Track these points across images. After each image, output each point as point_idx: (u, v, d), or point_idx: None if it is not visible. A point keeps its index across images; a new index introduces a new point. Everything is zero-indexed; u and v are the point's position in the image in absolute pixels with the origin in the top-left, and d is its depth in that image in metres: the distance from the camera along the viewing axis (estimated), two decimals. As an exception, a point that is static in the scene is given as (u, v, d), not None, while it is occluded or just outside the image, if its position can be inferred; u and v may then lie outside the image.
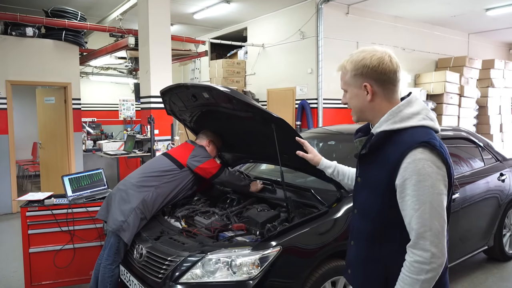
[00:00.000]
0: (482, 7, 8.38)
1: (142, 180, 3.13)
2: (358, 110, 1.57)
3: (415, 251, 1.35)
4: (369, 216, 1.54)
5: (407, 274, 1.37)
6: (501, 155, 4.33)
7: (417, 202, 1.34)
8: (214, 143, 3.44)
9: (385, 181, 1.43)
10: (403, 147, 1.39)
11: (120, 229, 2.95)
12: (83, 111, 8.35)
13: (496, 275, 3.94)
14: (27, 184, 8.83)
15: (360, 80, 1.51)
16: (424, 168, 1.34)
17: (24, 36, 6.58)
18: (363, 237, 1.58)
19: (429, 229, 1.34)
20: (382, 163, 1.45)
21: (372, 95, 1.50)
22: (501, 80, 10.31)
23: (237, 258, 2.37)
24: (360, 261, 1.60)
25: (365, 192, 1.56)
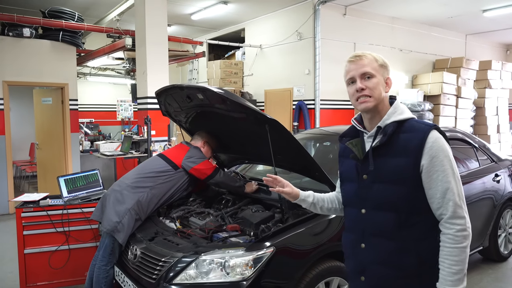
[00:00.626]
0: (479, 8, 8.40)
1: (137, 181, 3.13)
2: (378, 98, 1.60)
3: (455, 220, 1.47)
4: (392, 207, 1.56)
5: (453, 246, 1.46)
6: (496, 156, 4.34)
7: (448, 175, 1.49)
8: (209, 144, 3.45)
9: (409, 167, 1.52)
10: (420, 132, 1.53)
11: (114, 230, 2.95)
12: (81, 112, 8.35)
13: (491, 275, 3.96)
14: (24, 184, 8.83)
15: (386, 73, 1.64)
16: (444, 145, 1.52)
17: (21, 36, 6.58)
18: (385, 232, 1.59)
19: (461, 197, 1.49)
20: (400, 151, 1.54)
21: (389, 90, 1.66)
22: (498, 81, 10.33)
23: (230, 259, 2.38)
24: (386, 259, 1.58)
25: (381, 185, 1.58)
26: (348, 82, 1.64)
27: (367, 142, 1.66)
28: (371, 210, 1.62)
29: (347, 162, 1.74)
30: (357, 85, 1.59)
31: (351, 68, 1.62)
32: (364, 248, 1.64)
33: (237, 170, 3.98)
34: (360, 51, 1.66)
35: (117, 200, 3.05)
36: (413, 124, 1.57)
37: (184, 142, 3.45)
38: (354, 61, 1.61)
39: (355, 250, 1.69)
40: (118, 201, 3.04)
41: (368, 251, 1.63)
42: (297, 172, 3.22)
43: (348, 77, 1.63)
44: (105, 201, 3.13)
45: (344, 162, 1.77)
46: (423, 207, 1.54)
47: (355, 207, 1.69)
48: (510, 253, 4.33)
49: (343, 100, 8.07)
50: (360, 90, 1.58)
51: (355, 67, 1.60)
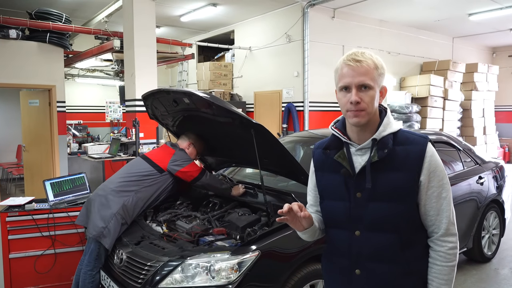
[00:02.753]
0: (465, 12, 8.53)
1: (121, 185, 3.11)
2: (372, 112, 1.42)
3: (447, 238, 1.41)
4: (393, 227, 1.42)
5: (443, 264, 1.40)
6: (480, 158, 4.41)
7: (443, 191, 1.42)
8: (194, 145, 3.42)
9: (409, 182, 1.40)
10: (418, 145, 1.42)
11: (100, 235, 2.93)
12: (69, 113, 8.29)
13: (474, 276, 4.02)
14: (10, 187, 8.72)
15: (382, 81, 1.45)
16: (439, 160, 1.44)
17: (7, 38, 6.50)
18: (387, 255, 1.44)
19: (453, 214, 1.44)
20: (400, 166, 1.41)
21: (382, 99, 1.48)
22: (485, 84, 10.50)
23: (216, 263, 2.39)
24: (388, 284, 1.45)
25: (380, 203, 1.42)
26: (341, 88, 1.41)
27: (355, 155, 1.47)
28: (367, 231, 1.45)
29: (331, 177, 1.53)
30: (352, 97, 1.37)
31: (348, 74, 1.39)
32: (360, 274, 1.47)
33: (225, 173, 3.99)
34: (360, 52, 1.41)
35: (102, 205, 3.03)
36: (407, 136, 1.45)
37: (169, 143, 3.43)
38: (353, 66, 1.38)
39: (348, 278, 1.50)
40: (103, 206, 3.02)
41: (366, 278, 1.47)
42: (284, 175, 3.24)
43: (342, 83, 1.41)
44: (90, 206, 3.10)
45: (325, 176, 1.56)
46: (421, 225, 1.46)
47: (345, 228, 1.49)
48: (493, 254, 4.40)
49: (332, 102, 8.13)
50: (355, 103, 1.38)
51: (353, 73, 1.38)
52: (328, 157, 1.53)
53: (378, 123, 1.46)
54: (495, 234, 4.45)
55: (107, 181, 3.25)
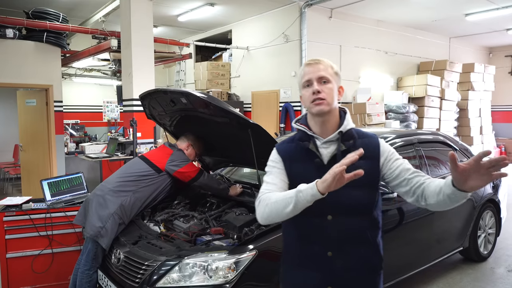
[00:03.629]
0: (462, 12, 8.57)
1: (119, 185, 3.11)
2: (332, 103, 1.62)
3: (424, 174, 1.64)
4: (364, 211, 1.63)
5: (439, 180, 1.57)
6: (476, 158, 4.43)
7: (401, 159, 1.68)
8: (193, 147, 3.44)
9: (373, 168, 1.62)
10: (373, 138, 1.69)
11: (98, 235, 2.93)
12: (66, 113, 8.27)
13: (471, 275, 4.04)
14: (8, 187, 8.70)
15: (339, 81, 1.68)
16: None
17: (4, 37, 6.48)
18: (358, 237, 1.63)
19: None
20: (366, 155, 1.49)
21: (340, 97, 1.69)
22: (481, 84, 10.55)
23: (213, 262, 2.40)
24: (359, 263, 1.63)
25: (351, 189, 1.51)
26: (304, 84, 1.63)
27: (321, 147, 1.63)
28: (340, 216, 1.59)
29: (302, 166, 1.65)
30: (314, 87, 1.59)
31: (309, 71, 1.62)
32: (332, 256, 1.60)
33: (222, 173, 4.00)
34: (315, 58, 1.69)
35: (99, 205, 3.03)
36: (362, 132, 1.71)
37: (167, 143, 3.43)
38: (312, 65, 1.63)
39: (321, 260, 1.62)
40: (100, 206, 3.02)
41: (339, 259, 1.60)
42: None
43: (304, 80, 1.63)
44: (88, 205, 3.10)
45: (296, 165, 1.67)
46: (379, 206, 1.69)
47: (317, 215, 1.59)
48: (489, 253, 4.43)
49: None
50: (316, 92, 1.58)
51: (313, 70, 1.61)
52: (297, 148, 1.68)
53: (339, 121, 1.67)
54: (491, 234, 4.47)
55: (105, 181, 3.25)
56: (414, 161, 3.69)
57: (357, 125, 7.75)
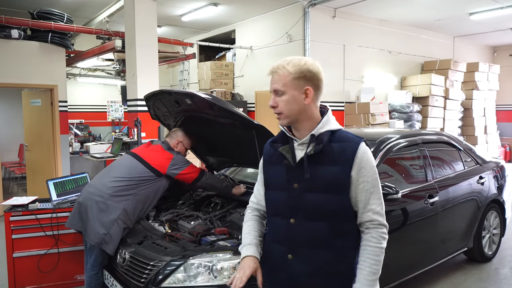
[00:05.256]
0: (465, 11, 8.54)
1: (119, 189, 3.03)
2: (291, 114, 1.58)
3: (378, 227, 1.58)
4: (326, 216, 1.57)
5: (375, 245, 1.56)
6: (481, 158, 4.43)
7: (373, 186, 1.57)
8: (183, 143, 3.36)
9: (342, 175, 1.56)
10: (352, 142, 1.58)
11: (102, 242, 2.90)
12: (70, 113, 8.31)
13: (475, 276, 4.04)
14: (13, 186, 8.76)
15: (302, 83, 1.57)
16: (371, 157, 1.60)
17: (9, 38, 6.53)
18: (319, 243, 1.59)
19: (382, 208, 1.59)
20: (334, 160, 1.56)
21: (311, 99, 1.59)
22: (486, 83, 10.50)
23: (218, 263, 2.42)
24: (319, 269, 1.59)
25: (315, 194, 1.57)
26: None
27: (297, 149, 1.62)
28: (302, 220, 1.60)
29: (275, 168, 1.69)
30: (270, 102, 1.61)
31: (270, 81, 1.61)
32: (293, 259, 1.61)
33: (226, 173, 4.01)
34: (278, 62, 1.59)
35: (101, 211, 2.96)
36: (344, 135, 1.60)
37: (165, 145, 3.29)
38: (271, 77, 1.60)
39: (281, 262, 1.65)
40: (102, 212, 2.96)
41: (299, 263, 1.61)
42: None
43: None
44: (85, 210, 3.01)
45: (271, 168, 1.72)
46: (353, 216, 1.60)
47: (283, 217, 1.64)
48: (494, 253, 4.42)
49: (332, 102, 8.15)
50: (271, 107, 1.60)
51: (270, 81, 1.60)
52: (276, 150, 1.69)
53: (318, 122, 1.61)
54: (496, 234, 4.47)
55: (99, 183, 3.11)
56: (418, 162, 3.69)
57: (361, 125, 7.74)
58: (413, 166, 3.70)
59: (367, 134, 4.00)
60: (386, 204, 3.01)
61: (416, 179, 3.59)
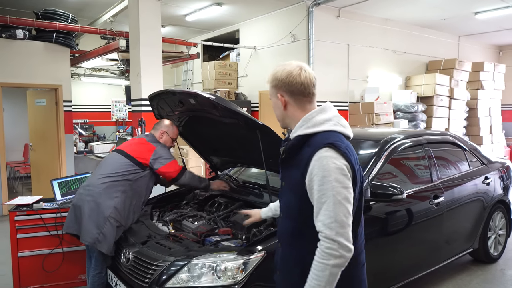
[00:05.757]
0: (471, 10, 8.48)
1: (107, 186, 3.03)
2: (279, 117, 1.75)
3: (323, 239, 1.49)
4: (290, 216, 1.67)
5: (318, 260, 1.49)
6: (486, 159, 4.40)
7: (323, 195, 1.49)
8: (167, 133, 3.34)
9: (299, 181, 1.58)
10: (311, 148, 1.56)
11: (96, 241, 2.91)
12: (75, 112, 8.34)
13: (480, 277, 4.01)
14: (18, 185, 8.80)
15: (275, 91, 1.70)
16: (328, 164, 1.50)
17: (14, 38, 6.56)
18: (286, 238, 1.71)
19: (334, 220, 1.47)
20: (298, 165, 1.60)
21: (285, 105, 1.68)
22: (491, 83, 10.42)
23: (222, 263, 2.41)
24: (284, 261, 1.70)
25: (287, 194, 1.68)
26: None
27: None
28: (282, 215, 1.76)
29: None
30: None
31: None
32: (279, 247, 1.78)
33: (230, 173, 4.01)
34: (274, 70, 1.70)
35: (92, 210, 2.97)
36: (315, 140, 1.58)
37: (149, 138, 3.30)
38: None
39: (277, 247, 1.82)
40: (93, 211, 2.96)
41: (279, 251, 1.77)
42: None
43: None
44: (78, 212, 3.02)
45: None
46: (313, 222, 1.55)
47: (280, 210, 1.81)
48: (499, 254, 4.39)
49: (337, 101, 8.12)
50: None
51: None
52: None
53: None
54: (502, 235, 4.44)
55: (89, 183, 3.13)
56: (423, 162, 3.67)
57: (365, 124, 7.72)
58: (418, 166, 3.68)
59: (371, 134, 3.98)
60: (391, 205, 2.98)
61: (421, 180, 3.57)
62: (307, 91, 1.65)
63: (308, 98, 1.66)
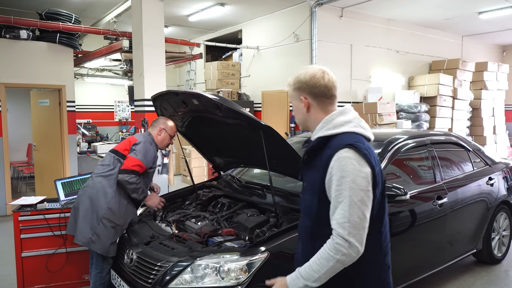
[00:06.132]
0: (474, 10, 8.45)
1: (100, 186, 3.04)
2: (300, 120, 1.76)
3: (336, 237, 1.52)
4: (309, 215, 1.70)
5: (326, 250, 1.54)
6: (490, 159, 4.38)
7: (339, 195, 1.52)
8: (166, 130, 3.33)
9: (319, 181, 1.60)
10: (331, 150, 1.58)
11: (89, 242, 2.92)
12: (78, 113, 8.36)
13: (484, 278, 4.00)
14: (21, 186, 8.83)
15: (297, 93, 1.71)
16: (346, 165, 1.53)
17: (18, 38, 6.59)
18: (305, 235, 1.75)
19: (347, 220, 1.50)
20: (318, 166, 1.62)
21: (308, 107, 1.70)
22: (494, 83, 10.38)
23: (225, 264, 2.41)
24: (304, 258, 1.67)
25: (307, 193, 1.72)
26: None
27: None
28: (303, 214, 1.77)
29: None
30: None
31: None
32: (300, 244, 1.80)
33: (233, 174, 4.01)
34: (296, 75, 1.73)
35: (86, 211, 2.99)
36: (334, 142, 1.60)
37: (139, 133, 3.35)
38: None
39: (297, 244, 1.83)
40: (87, 212, 2.98)
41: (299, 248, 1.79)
42: (292, 176, 3.25)
43: None
44: (76, 213, 3.05)
45: None
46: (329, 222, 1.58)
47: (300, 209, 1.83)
48: (503, 255, 4.37)
49: (340, 102, 8.06)
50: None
51: None
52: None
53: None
54: (505, 236, 4.41)
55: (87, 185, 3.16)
56: (427, 162, 3.66)
57: (368, 125, 7.68)
58: (421, 167, 3.67)
59: (374, 134, 3.96)
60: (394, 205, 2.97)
61: (424, 180, 3.56)
62: (330, 93, 1.68)
63: (330, 100, 1.69)
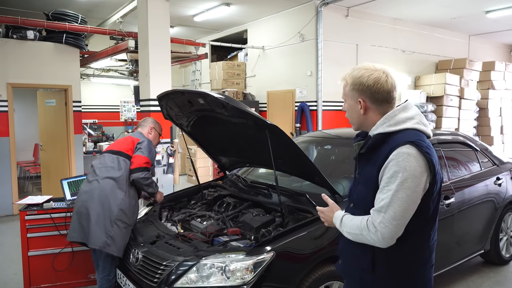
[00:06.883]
0: (481, 9, 8.38)
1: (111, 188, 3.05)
2: (354, 120, 1.74)
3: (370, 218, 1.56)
4: (362, 207, 1.67)
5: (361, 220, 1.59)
6: (498, 159, 4.34)
7: (387, 186, 1.53)
8: (155, 129, 3.46)
9: (374, 175, 1.60)
10: (393, 145, 1.56)
11: (105, 245, 2.92)
12: (84, 113, 8.40)
13: (492, 278, 3.96)
14: (28, 185, 8.89)
15: (356, 95, 1.67)
16: (403, 161, 1.51)
17: (25, 39, 6.63)
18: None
19: (384, 211, 1.52)
20: (375, 160, 1.61)
21: (365, 110, 1.67)
22: (502, 82, 10.30)
23: (231, 263, 2.40)
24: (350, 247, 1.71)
25: (361, 186, 1.70)
26: None
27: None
28: (354, 206, 1.75)
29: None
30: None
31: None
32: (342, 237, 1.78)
33: (239, 173, 4.00)
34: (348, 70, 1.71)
35: (97, 215, 2.98)
36: (396, 137, 1.58)
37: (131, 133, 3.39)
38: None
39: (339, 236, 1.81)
40: (99, 216, 2.98)
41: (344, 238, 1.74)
42: (298, 176, 3.24)
43: None
44: (82, 218, 3.02)
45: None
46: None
47: (349, 200, 1.83)
48: (511, 256, 4.33)
49: (345, 102, 8.07)
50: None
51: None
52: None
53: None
54: (513, 236, 4.37)
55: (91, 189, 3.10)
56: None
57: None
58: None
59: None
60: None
61: (431, 180, 3.52)
62: (391, 97, 1.66)
63: (391, 104, 1.67)
